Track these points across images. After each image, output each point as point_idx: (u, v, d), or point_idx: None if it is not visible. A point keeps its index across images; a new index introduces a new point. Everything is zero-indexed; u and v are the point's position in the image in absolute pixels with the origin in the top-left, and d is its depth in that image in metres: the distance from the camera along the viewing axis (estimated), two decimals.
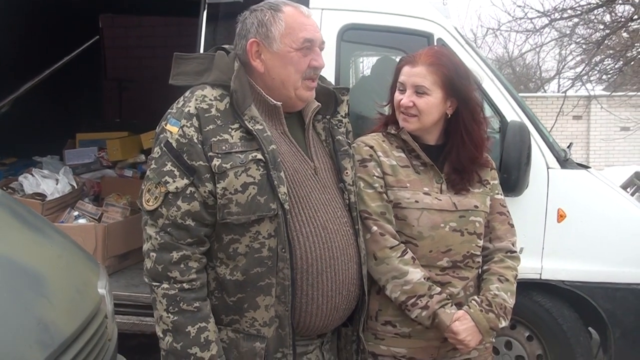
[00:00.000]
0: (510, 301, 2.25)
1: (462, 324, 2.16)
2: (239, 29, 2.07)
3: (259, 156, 1.92)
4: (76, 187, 4.77)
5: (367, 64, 5.44)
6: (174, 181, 1.91)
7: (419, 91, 2.20)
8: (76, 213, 4.47)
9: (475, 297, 2.23)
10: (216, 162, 1.90)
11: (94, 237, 4.21)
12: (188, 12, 4.43)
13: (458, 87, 2.22)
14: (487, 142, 2.34)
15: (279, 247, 1.93)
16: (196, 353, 1.90)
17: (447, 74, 2.20)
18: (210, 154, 1.90)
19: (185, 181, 1.91)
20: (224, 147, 1.91)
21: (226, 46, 2.12)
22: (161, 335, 1.95)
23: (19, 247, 2.25)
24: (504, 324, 2.22)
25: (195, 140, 1.92)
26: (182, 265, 1.91)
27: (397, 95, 2.26)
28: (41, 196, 4.51)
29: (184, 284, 1.91)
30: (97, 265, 2.71)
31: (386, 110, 2.41)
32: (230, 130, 1.94)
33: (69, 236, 2.79)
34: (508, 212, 2.39)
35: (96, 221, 4.49)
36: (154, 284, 1.94)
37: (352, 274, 2.08)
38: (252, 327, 1.97)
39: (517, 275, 2.32)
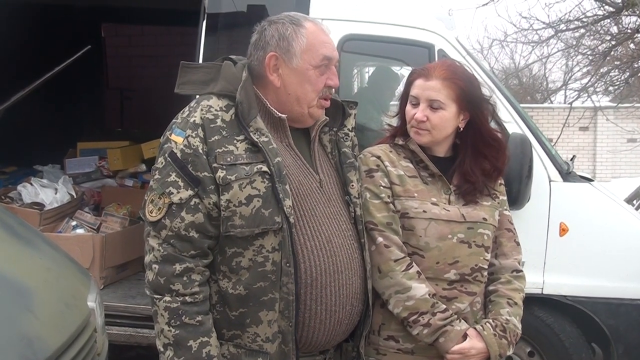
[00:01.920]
0: (519, 326, 2.21)
1: (473, 346, 2.12)
2: (256, 40, 2.04)
3: (264, 168, 1.89)
4: (75, 196, 4.74)
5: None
6: (178, 192, 1.88)
7: (434, 105, 2.17)
8: (74, 223, 4.44)
9: (490, 320, 2.18)
10: (220, 173, 1.87)
11: (92, 247, 4.17)
12: (189, 22, 4.42)
13: (472, 101, 2.19)
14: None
15: (283, 261, 1.89)
16: None
17: (463, 88, 2.17)
18: (215, 165, 1.88)
19: (190, 192, 1.88)
20: (228, 159, 1.88)
21: (233, 56, 2.10)
22: (162, 349, 1.91)
23: (6, 259, 2.22)
24: (511, 351, 2.19)
25: (201, 151, 1.89)
26: (184, 278, 1.88)
27: (410, 109, 2.23)
28: (39, 206, 4.48)
29: (187, 297, 1.88)
30: (88, 277, 2.67)
31: (394, 121, 2.37)
32: (235, 141, 1.91)
33: (61, 248, 2.76)
34: (515, 229, 2.35)
35: (95, 231, 4.46)
36: (156, 296, 1.90)
37: (356, 288, 2.04)
38: (255, 342, 1.93)
39: (524, 297, 2.28)
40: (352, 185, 2.10)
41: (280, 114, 2.00)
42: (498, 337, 2.14)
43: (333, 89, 2.06)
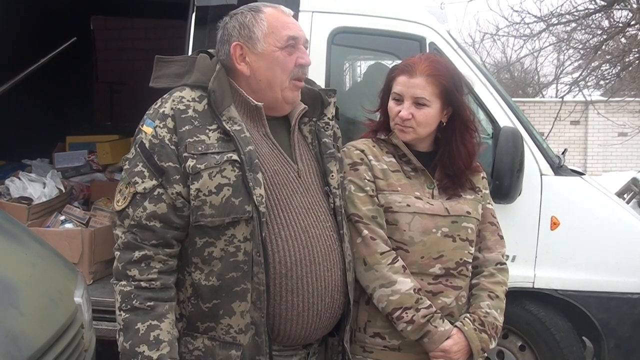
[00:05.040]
0: (500, 319, 2.21)
1: (455, 343, 2.12)
2: (220, 35, 2.05)
3: (235, 157, 1.89)
4: (64, 190, 4.70)
5: (364, 68, 5.39)
6: (143, 182, 1.89)
7: (419, 102, 2.15)
8: (63, 217, 4.40)
9: (468, 315, 2.18)
10: (191, 162, 1.87)
11: (81, 242, 4.14)
12: (179, 15, 4.37)
13: (455, 96, 2.18)
14: (479, 147, 2.31)
15: (253, 251, 1.88)
16: (144, 352, 1.83)
17: (446, 85, 2.16)
18: (185, 154, 1.88)
19: (154, 182, 1.88)
20: (200, 148, 1.89)
21: (211, 50, 2.10)
22: (117, 337, 1.89)
23: None
24: (493, 344, 2.19)
25: (167, 142, 1.90)
26: (142, 265, 1.88)
27: (394, 106, 2.21)
28: (28, 200, 4.44)
29: (142, 282, 1.87)
30: (75, 273, 2.64)
31: (375, 116, 2.35)
32: (207, 131, 1.91)
33: (48, 243, 2.73)
34: (498, 223, 2.35)
35: (84, 226, 4.42)
36: (114, 282, 1.91)
37: (335, 280, 2.02)
38: (228, 334, 1.92)
39: (506, 290, 2.28)
40: (332, 176, 2.08)
41: (256, 102, 2.00)
42: (478, 331, 2.14)
43: (306, 69, 2.05)
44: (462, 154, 2.22)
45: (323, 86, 3.17)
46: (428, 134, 2.22)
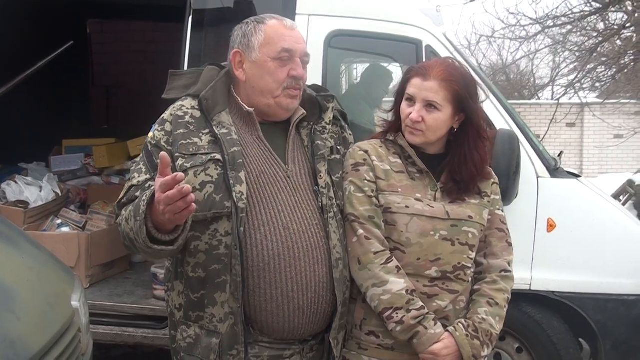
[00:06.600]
0: (498, 327, 2.19)
1: (445, 347, 2.11)
2: (230, 43, 2.19)
3: (218, 157, 2.03)
4: (60, 194, 4.71)
5: (361, 71, 5.40)
6: (139, 176, 2.06)
7: (430, 106, 2.16)
8: (59, 221, 4.40)
9: (462, 321, 2.17)
10: (180, 161, 2.03)
11: (77, 246, 4.15)
12: (176, 18, 4.38)
13: (468, 103, 2.18)
14: (490, 154, 2.31)
15: (232, 244, 1.99)
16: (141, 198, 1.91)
17: (459, 91, 2.16)
18: (177, 154, 2.04)
19: (147, 176, 2.04)
20: (191, 149, 2.04)
21: (224, 64, 2.22)
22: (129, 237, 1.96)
23: None
24: (486, 352, 2.16)
25: (163, 143, 2.07)
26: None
27: (406, 108, 2.21)
28: (24, 204, 4.44)
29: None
30: (72, 277, 2.64)
31: (389, 117, 2.35)
32: (201, 134, 2.07)
33: (45, 247, 2.73)
34: (508, 230, 2.32)
35: (80, 229, 4.42)
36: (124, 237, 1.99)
37: (320, 276, 2.07)
38: (211, 323, 2.04)
39: (509, 298, 2.25)
40: (321, 176, 2.15)
41: (248, 109, 2.13)
42: (470, 337, 2.12)
43: (300, 80, 2.13)
44: (474, 161, 2.21)
45: None
46: (438, 139, 2.22)
